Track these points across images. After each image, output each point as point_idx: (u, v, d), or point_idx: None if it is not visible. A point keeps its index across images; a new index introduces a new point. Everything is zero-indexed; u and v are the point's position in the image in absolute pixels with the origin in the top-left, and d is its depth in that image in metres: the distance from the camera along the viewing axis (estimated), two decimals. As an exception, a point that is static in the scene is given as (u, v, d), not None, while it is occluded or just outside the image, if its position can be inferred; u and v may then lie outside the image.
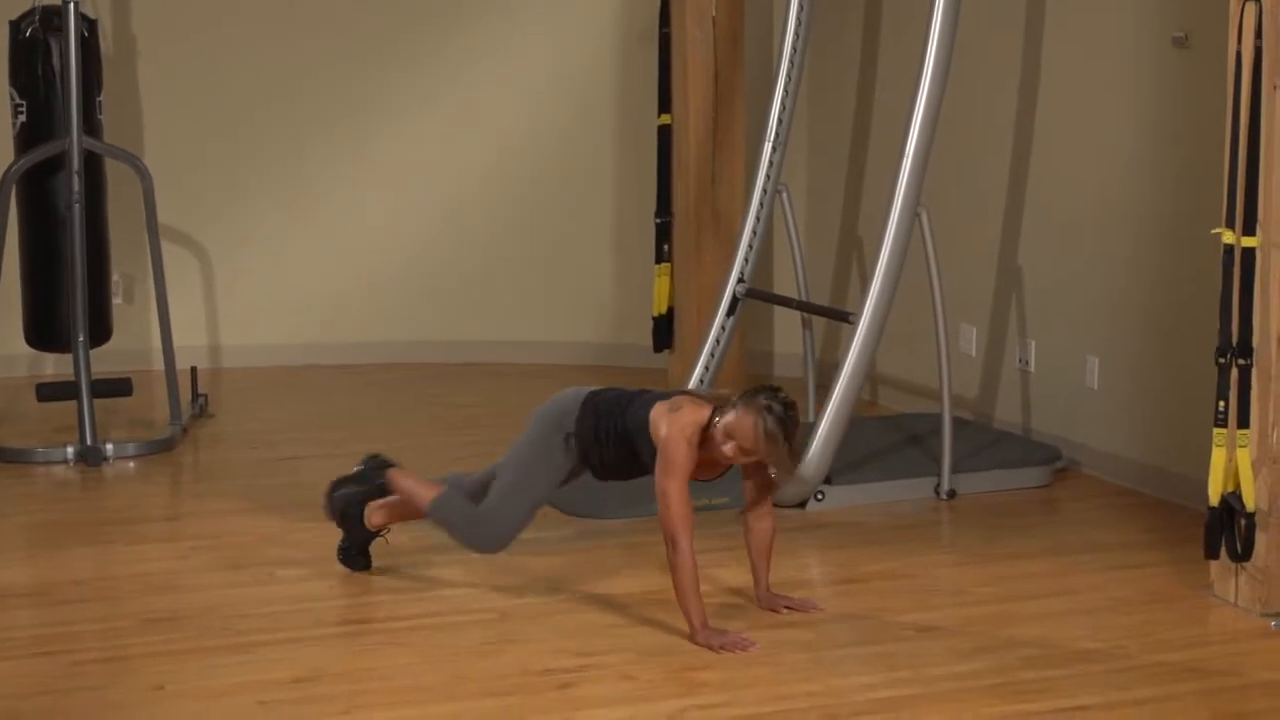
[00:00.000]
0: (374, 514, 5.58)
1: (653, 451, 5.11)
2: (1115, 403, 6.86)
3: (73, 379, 7.26)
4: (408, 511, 5.56)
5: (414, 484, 5.55)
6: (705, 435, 5.06)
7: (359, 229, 9.15)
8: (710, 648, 4.96)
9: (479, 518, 5.39)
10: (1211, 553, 5.33)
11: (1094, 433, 6.95)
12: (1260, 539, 5.21)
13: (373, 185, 9.15)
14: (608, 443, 5.24)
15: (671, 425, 5.06)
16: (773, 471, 5.17)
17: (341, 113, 9.09)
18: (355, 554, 5.61)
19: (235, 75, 8.97)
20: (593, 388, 5.39)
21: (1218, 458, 5.22)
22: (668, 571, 5.04)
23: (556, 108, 9.16)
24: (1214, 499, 5.25)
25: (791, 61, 7.28)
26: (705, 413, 5.07)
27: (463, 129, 9.14)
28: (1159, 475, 6.61)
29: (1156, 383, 6.65)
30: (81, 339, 7.25)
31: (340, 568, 5.61)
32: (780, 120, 7.26)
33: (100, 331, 7.44)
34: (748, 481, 5.26)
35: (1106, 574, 5.71)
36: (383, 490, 5.58)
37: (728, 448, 5.04)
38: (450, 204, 9.18)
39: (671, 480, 5.01)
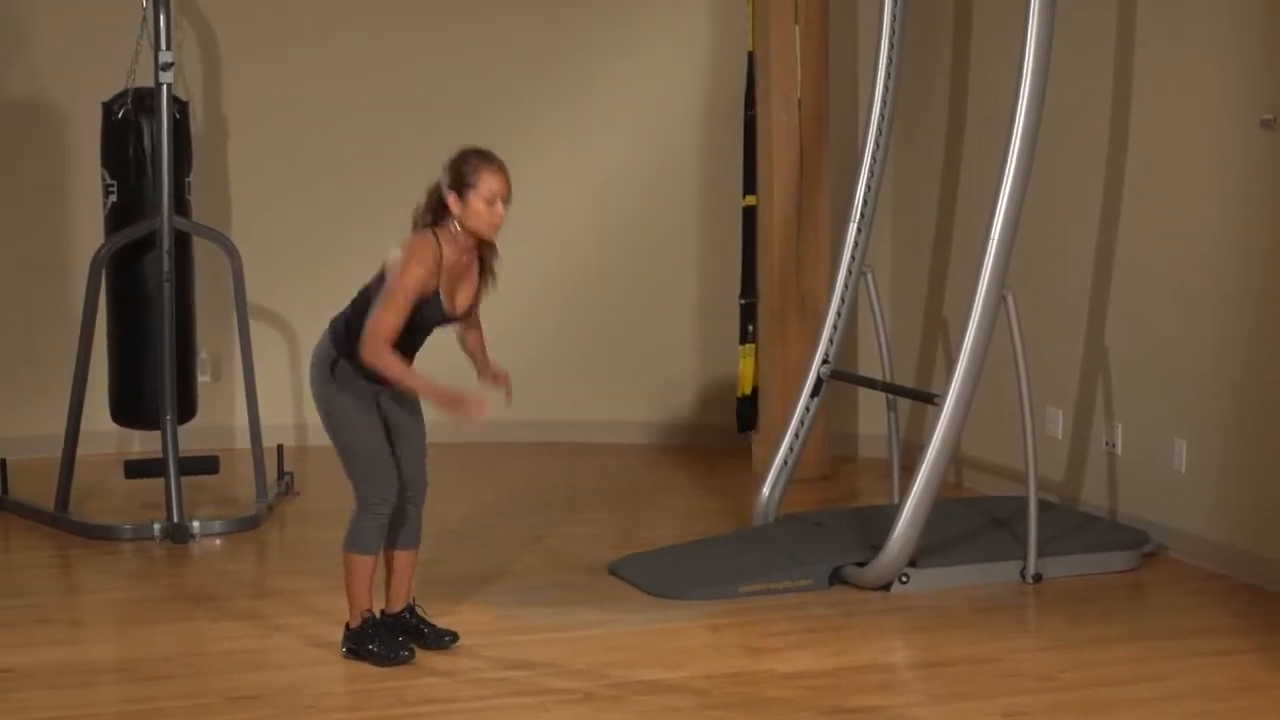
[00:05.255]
0: (353, 611, 5.58)
1: None
2: (1204, 486, 6.80)
3: (160, 456, 7.32)
4: (358, 580, 5.57)
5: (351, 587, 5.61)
6: (442, 242, 5.58)
7: (444, 308, 9.18)
8: (450, 402, 5.56)
9: (355, 517, 5.60)
10: (1303, 639, 5.28)
11: (1182, 516, 6.89)
12: (1353, 626, 5.16)
13: (458, 265, 9.19)
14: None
15: (402, 259, 5.47)
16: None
17: (423, 190, 9.12)
18: (388, 652, 5.54)
19: (321, 156, 9.07)
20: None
21: (1309, 543, 5.18)
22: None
23: (640, 188, 9.20)
24: (1306, 585, 5.20)
25: (877, 143, 7.28)
26: (428, 234, 5.56)
27: (546, 209, 9.17)
28: (1249, 559, 6.54)
29: (1245, 465, 6.59)
30: (169, 417, 7.31)
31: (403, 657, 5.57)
32: (865, 201, 7.26)
33: (186, 409, 7.50)
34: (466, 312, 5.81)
35: (1195, 660, 5.64)
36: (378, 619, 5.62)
37: (471, 220, 5.65)
38: (533, 284, 9.20)
39: (389, 312, 5.43)
